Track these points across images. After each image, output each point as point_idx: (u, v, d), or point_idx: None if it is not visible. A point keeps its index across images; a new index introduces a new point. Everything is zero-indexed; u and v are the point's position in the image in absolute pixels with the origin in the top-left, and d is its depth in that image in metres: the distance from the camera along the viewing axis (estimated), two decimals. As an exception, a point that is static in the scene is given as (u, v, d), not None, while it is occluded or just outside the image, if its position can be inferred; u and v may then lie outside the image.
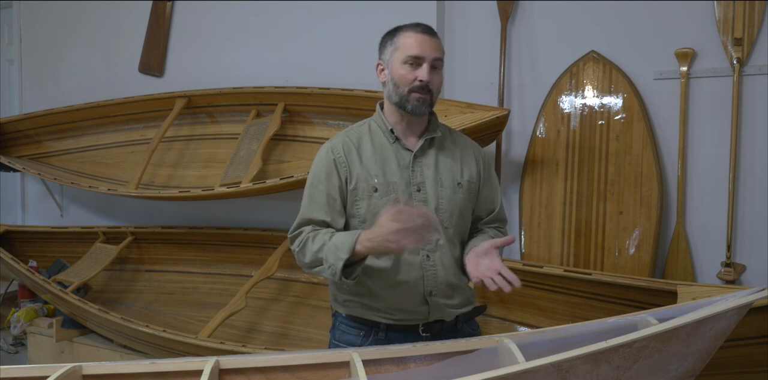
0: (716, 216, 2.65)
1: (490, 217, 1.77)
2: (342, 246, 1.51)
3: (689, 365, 1.31)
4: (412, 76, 1.60)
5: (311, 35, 3.45)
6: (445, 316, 1.66)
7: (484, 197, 1.75)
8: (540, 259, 2.84)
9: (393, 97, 1.65)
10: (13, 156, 4.09)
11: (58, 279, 3.49)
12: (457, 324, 1.70)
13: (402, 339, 1.59)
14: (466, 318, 1.72)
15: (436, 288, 1.64)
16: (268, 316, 3.30)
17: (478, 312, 1.76)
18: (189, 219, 3.82)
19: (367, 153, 1.67)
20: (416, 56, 1.60)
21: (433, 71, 1.62)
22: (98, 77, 4.18)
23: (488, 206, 1.77)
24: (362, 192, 1.64)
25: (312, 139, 3.40)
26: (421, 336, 1.64)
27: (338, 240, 1.54)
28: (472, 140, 1.81)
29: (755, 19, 2.56)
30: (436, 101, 1.67)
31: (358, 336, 1.68)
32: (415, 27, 1.64)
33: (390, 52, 1.65)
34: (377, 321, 1.66)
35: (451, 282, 1.66)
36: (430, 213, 1.49)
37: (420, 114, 1.63)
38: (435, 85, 1.62)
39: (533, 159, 2.91)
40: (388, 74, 1.65)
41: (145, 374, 1.39)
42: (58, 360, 3.39)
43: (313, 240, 1.60)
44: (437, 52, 1.62)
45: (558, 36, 2.93)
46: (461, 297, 1.69)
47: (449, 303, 1.66)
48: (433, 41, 1.62)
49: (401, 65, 1.61)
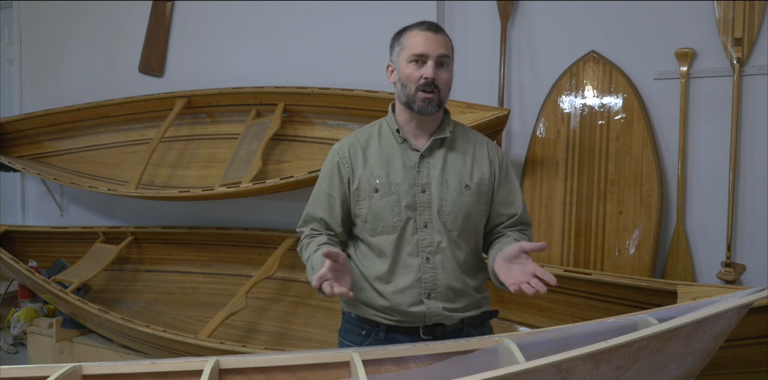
0: (716, 216, 2.65)
1: (511, 221, 1.71)
2: (316, 268, 1.53)
3: (689, 365, 1.31)
4: (417, 74, 1.59)
5: (311, 35, 3.45)
6: (445, 320, 1.62)
7: (500, 199, 1.70)
8: (540, 259, 2.84)
9: (401, 97, 1.64)
10: (13, 156, 4.09)
11: (58, 279, 3.49)
12: (463, 329, 1.66)
13: (402, 341, 1.58)
14: (473, 322, 1.68)
15: (435, 292, 1.61)
16: (268, 316, 3.30)
17: (487, 317, 1.72)
18: (189, 219, 3.82)
19: (373, 153, 1.67)
20: (420, 54, 1.59)
21: (440, 68, 1.61)
22: (98, 77, 4.18)
23: (507, 209, 1.70)
24: (364, 193, 1.64)
25: (312, 139, 3.40)
26: (423, 339, 1.61)
27: (315, 262, 1.57)
28: (490, 140, 1.76)
29: (755, 19, 2.56)
30: (447, 99, 1.65)
31: (359, 335, 1.69)
32: (420, 25, 1.64)
33: (397, 52, 1.65)
34: (378, 322, 1.66)
35: (452, 286, 1.62)
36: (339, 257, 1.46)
37: (427, 114, 1.62)
38: (442, 81, 1.61)
39: (533, 159, 2.91)
40: (397, 75, 1.65)
41: (145, 374, 1.39)
42: (58, 360, 3.39)
43: (305, 248, 1.66)
44: (442, 48, 1.61)
45: (558, 36, 2.93)
46: (466, 301, 1.65)
47: (450, 307, 1.62)
48: (437, 38, 1.61)
49: (407, 64, 1.61)
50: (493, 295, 2.77)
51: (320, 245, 1.62)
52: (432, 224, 1.62)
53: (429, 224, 1.62)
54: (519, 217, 1.71)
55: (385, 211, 1.62)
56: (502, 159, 1.74)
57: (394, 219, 1.61)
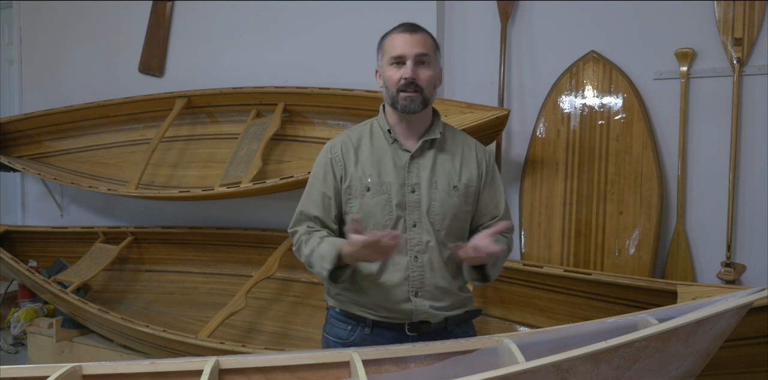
0: (716, 216, 2.65)
1: (492, 221, 1.73)
2: (326, 257, 1.58)
3: (689, 365, 1.31)
4: (397, 75, 1.62)
5: (311, 35, 3.45)
6: (430, 318, 1.65)
7: (485, 201, 1.73)
8: (540, 259, 2.84)
9: (388, 100, 1.68)
10: (13, 156, 4.09)
11: (58, 279, 3.49)
12: (447, 327, 1.69)
13: (387, 336, 1.64)
14: (457, 321, 1.71)
15: (422, 290, 1.64)
16: (268, 316, 3.30)
17: (470, 317, 1.75)
18: (189, 219, 3.82)
19: (364, 152, 1.69)
20: (398, 56, 1.62)
21: (419, 66, 1.62)
22: (98, 77, 4.18)
23: (490, 211, 1.73)
24: (355, 191, 1.67)
25: (312, 139, 3.40)
26: (407, 335, 1.64)
27: (323, 250, 1.60)
28: (478, 142, 1.79)
29: (755, 19, 2.56)
30: (432, 96, 1.67)
31: (345, 330, 1.71)
32: (397, 28, 1.67)
33: (380, 57, 1.69)
34: (364, 317, 1.68)
35: (439, 285, 1.65)
36: (398, 234, 1.49)
37: (411, 112, 1.63)
38: (422, 80, 1.62)
39: (533, 159, 2.91)
40: (382, 78, 1.69)
41: (145, 374, 1.39)
42: (58, 360, 3.39)
43: (306, 243, 1.66)
44: (420, 47, 1.62)
45: (558, 36, 2.93)
46: (451, 300, 1.68)
47: (436, 306, 1.65)
48: (414, 38, 1.63)
49: (388, 67, 1.65)
50: (494, 296, 2.78)
51: (323, 237, 1.64)
52: (421, 224, 1.64)
53: (418, 223, 1.64)
54: (500, 218, 1.74)
55: (376, 210, 1.64)
56: (490, 161, 1.77)
57: (385, 218, 1.64)
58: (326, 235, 1.66)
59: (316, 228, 1.70)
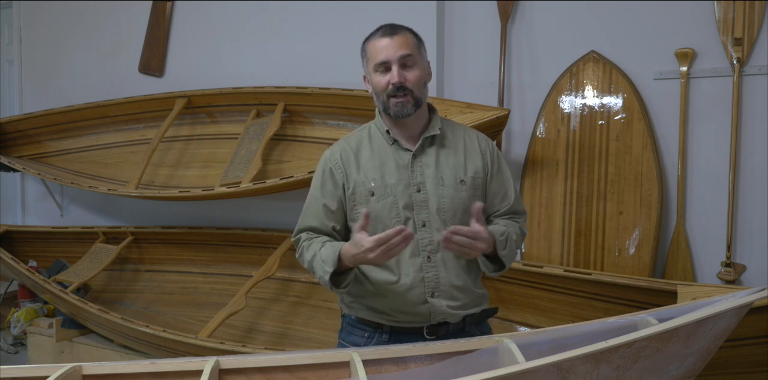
0: (716, 216, 2.65)
1: (503, 210, 1.71)
2: (327, 260, 1.56)
3: (689, 365, 1.31)
4: (384, 81, 1.61)
5: (311, 35, 3.45)
6: (449, 318, 1.63)
7: (494, 191, 1.70)
8: (540, 259, 2.84)
9: (379, 105, 1.66)
10: (13, 156, 4.09)
11: (58, 279, 3.49)
12: (465, 327, 1.66)
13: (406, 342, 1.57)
14: (475, 320, 1.69)
15: (438, 290, 1.62)
16: (268, 316, 3.30)
17: (488, 315, 1.73)
18: (189, 219, 3.82)
19: (365, 157, 1.67)
20: (382, 62, 1.60)
21: (405, 69, 1.60)
22: (98, 77, 4.18)
23: (500, 200, 1.71)
24: (360, 197, 1.65)
25: (312, 139, 3.40)
26: (426, 339, 1.61)
27: (324, 254, 1.58)
28: (480, 133, 1.77)
29: (755, 19, 2.56)
30: (424, 95, 1.65)
31: (362, 338, 1.69)
32: (376, 32, 1.65)
33: (365, 63, 1.67)
34: (381, 323, 1.66)
35: (455, 283, 1.63)
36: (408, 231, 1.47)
37: (404, 116, 1.62)
38: (411, 82, 1.60)
39: (533, 159, 2.91)
40: (371, 84, 1.67)
41: (145, 374, 1.39)
42: (58, 360, 3.39)
43: (307, 249, 1.66)
44: (402, 49, 1.60)
45: (558, 36, 2.93)
46: (468, 298, 1.66)
47: (453, 305, 1.63)
48: (394, 41, 1.60)
49: (374, 74, 1.63)
50: (493, 295, 2.78)
51: (324, 242, 1.63)
52: (430, 223, 1.62)
53: (427, 223, 1.62)
54: (512, 207, 1.72)
55: (383, 213, 1.62)
56: (494, 150, 1.74)
57: (393, 221, 1.62)
58: (328, 240, 1.65)
59: (317, 236, 1.68)
